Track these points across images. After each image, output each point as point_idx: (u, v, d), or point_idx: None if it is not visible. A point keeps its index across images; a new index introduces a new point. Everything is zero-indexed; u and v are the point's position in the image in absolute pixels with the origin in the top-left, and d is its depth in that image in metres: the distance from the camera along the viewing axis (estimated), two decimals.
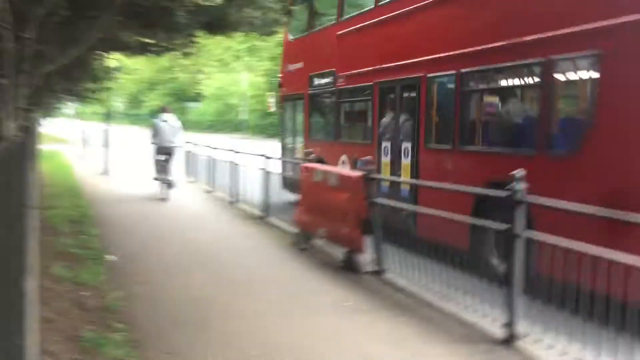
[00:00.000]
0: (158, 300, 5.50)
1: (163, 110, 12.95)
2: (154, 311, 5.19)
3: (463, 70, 7.21)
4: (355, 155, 8.91)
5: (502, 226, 4.67)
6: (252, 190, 10.92)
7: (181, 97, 60.56)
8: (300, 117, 12.27)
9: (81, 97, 14.30)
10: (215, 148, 13.85)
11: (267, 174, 10.24)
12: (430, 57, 7.80)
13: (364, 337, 4.69)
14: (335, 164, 9.89)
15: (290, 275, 6.51)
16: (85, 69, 7.72)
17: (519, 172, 4.53)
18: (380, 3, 9.09)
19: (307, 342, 4.55)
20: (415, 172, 7.81)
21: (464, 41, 7.17)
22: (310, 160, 8.37)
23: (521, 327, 4.53)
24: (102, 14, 3.91)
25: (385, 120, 8.99)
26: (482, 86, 7.29)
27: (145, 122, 49.91)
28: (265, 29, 6.75)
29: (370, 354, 4.34)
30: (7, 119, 2.47)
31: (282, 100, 13.44)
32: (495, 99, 7.23)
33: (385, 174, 8.58)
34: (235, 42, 41.55)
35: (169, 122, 12.39)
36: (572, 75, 6.04)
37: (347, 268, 6.73)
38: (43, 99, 5.11)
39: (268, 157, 10.36)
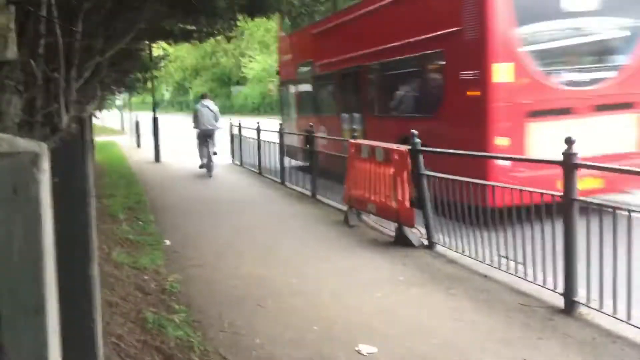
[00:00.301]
0: (213, 282, 5.64)
1: (203, 96, 14.36)
2: (210, 292, 5.33)
3: (382, 60, 10.28)
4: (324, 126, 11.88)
5: (557, 193, 4.59)
6: (300, 170, 11.01)
7: (225, 82, 61.16)
8: (292, 98, 15.25)
9: (131, 87, 14.63)
10: (261, 130, 13.98)
11: (312, 153, 10.28)
12: (364, 51, 10.73)
13: (418, 311, 4.70)
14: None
15: (342, 252, 6.56)
16: (133, 59, 7.89)
17: (572, 138, 4.42)
18: (335, 11, 12.27)
19: (361, 317, 4.59)
20: (363, 135, 10.28)
21: (381, 40, 10.09)
22: (355, 137, 8.35)
23: (580, 294, 4.45)
24: (145, 4, 3.98)
25: (345, 97, 12.07)
26: (392, 72, 10.11)
27: (192, 109, 50.66)
28: (305, 9, 6.73)
29: (426, 327, 4.35)
30: (60, 111, 2.56)
31: (280, 85, 16.66)
32: (400, 80, 10.00)
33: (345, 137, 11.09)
34: (276, 23, 41.50)
35: (209, 107, 13.65)
36: (432, 65, 8.96)
37: (398, 243, 6.72)
38: (94, 90, 5.25)
39: (312, 136, 10.39)
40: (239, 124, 15.87)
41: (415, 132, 6.67)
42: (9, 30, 1.53)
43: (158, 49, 17.69)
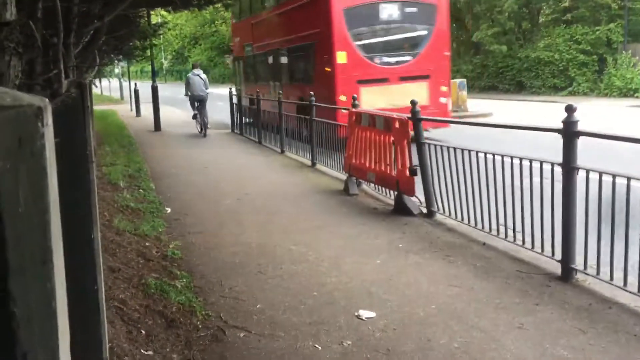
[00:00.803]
0: (214, 248, 5.69)
1: (194, 66, 16.69)
2: (211, 259, 5.38)
3: (288, 46, 15.00)
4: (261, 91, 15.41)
5: (557, 161, 4.60)
6: (300, 138, 11.01)
7: (224, 50, 60.55)
8: (241, 70, 19.91)
9: (130, 55, 14.55)
10: (261, 99, 13.93)
11: (312, 122, 10.25)
12: (279, 39, 15.45)
13: (416, 278, 4.75)
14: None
15: (341, 221, 6.59)
16: (131, 26, 7.81)
17: (573, 106, 4.41)
18: (264, 9, 17.14)
19: (361, 283, 4.64)
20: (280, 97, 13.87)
21: (287, 32, 14.82)
22: (349, 107, 8.31)
23: (578, 261, 4.50)
24: None
25: (270, 71, 16.81)
26: (293, 54, 14.90)
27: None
28: None
29: (424, 293, 4.41)
30: (59, 76, 2.56)
31: (233, 60, 21.59)
32: (297, 60, 14.80)
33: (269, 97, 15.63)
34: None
35: (200, 75, 15.68)
36: (310, 51, 13.43)
37: (398, 211, 6.76)
38: (93, 57, 5.22)
39: (313, 105, 10.34)
40: (239, 93, 15.79)
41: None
42: None
43: (156, 16, 17.48)
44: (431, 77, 12.63)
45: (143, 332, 3.65)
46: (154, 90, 17.46)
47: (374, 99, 11.29)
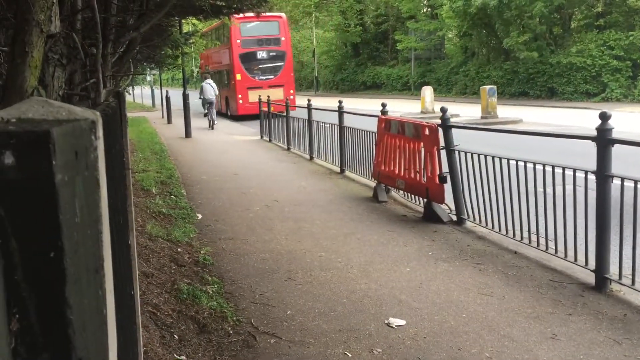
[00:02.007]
0: (244, 255, 5.74)
1: (205, 77, 22.73)
2: (241, 265, 5.42)
3: (223, 68, 27.35)
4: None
5: (591, 169, 4.53)
6: (329, 145, 11.03)
7: None
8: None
9: (161, 63, 14.76)
10: (288, 106, 14.02)
11: (340, 128, 10.26)
12: (217, 65, 28.66)
13: (446, 285, 4.72)
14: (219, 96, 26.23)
15: (370, 228, 6.59)
16: (164, 35, 7.94)
17: (608, 113, 4.35)
18: (218, 45, 28.65)
19: (390, 291, 4.64)
20: (220, 96, 24.64)
21: (220, 60, 28.17)
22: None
23: (612, 271, 4.42)
24: None
25: (216, 82, 25.27)
26: (224, 72, 27.35)
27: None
28: None
29: (454, 302, 4.38)
30: (98, 85, 2.63)
31: (201, 74, 31.80)
32: (225, 76, 27.25)
33: (222, 101, 27.31)
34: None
35: (210, 84, 21.22)
36: (228, 73, 26.56)
37: (427, 218, 6.72)
38: (128, 66, 5.33)
39: (341, 112, 10.35)
40: (268, 99, 15.90)
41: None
42: (53, 4, 1.57)
43: (188, 25, 17.73)
44: (284, 86, 24.35)
45: (176, 336, 3.70)
46: (185, 98, 17.70)
47: (256, 97, 18.24)
